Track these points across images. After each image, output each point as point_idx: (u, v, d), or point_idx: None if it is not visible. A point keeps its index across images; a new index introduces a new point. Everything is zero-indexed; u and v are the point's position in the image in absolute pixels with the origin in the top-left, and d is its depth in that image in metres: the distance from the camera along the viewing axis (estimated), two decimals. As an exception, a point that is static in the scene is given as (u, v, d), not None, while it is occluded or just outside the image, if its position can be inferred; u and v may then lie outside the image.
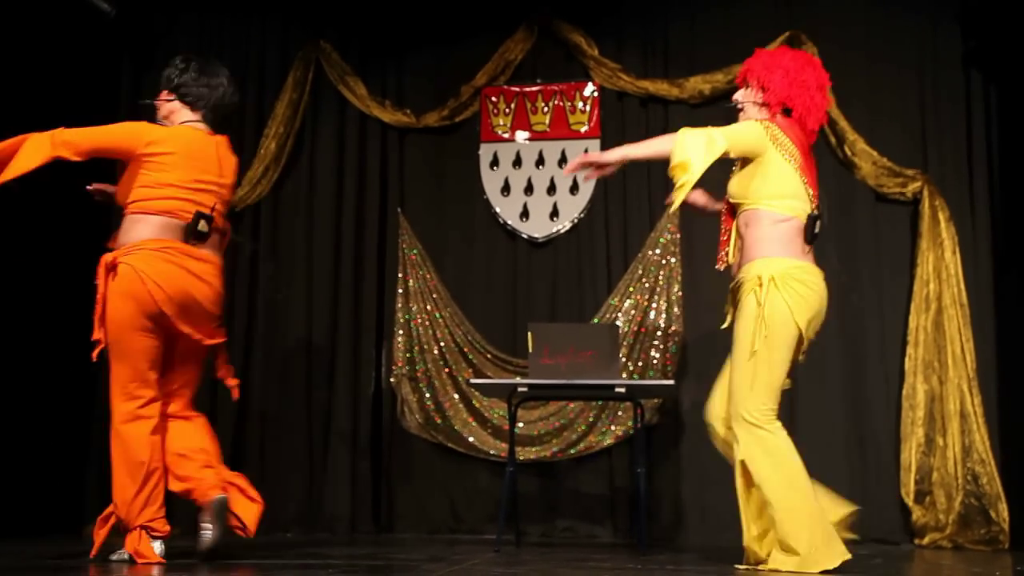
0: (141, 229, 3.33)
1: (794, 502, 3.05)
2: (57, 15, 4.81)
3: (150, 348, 3.33)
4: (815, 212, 3.22)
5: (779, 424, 3.14)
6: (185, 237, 3.37)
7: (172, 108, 3.58)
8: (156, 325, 3.32)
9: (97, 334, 3.34)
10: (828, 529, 3.09)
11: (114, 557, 3.37)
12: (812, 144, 3.35)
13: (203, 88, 3.55)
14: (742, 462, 3.12)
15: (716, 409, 3.32)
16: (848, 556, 3.06)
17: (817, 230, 3.23)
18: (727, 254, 3.34)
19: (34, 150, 3.31)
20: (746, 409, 3.10)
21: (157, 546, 3.30)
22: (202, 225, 3.39)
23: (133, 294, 3.26)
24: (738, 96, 3.38)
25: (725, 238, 3.35)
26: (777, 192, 3.19)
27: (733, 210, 3.34)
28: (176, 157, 3.40)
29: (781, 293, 3.10)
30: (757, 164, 3.22)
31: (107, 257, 3.32)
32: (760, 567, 3.15)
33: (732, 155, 3.23)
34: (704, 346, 4.73)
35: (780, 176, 3.19)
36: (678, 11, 5.10)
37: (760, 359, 3.10)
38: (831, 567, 3.01)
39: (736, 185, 3.29)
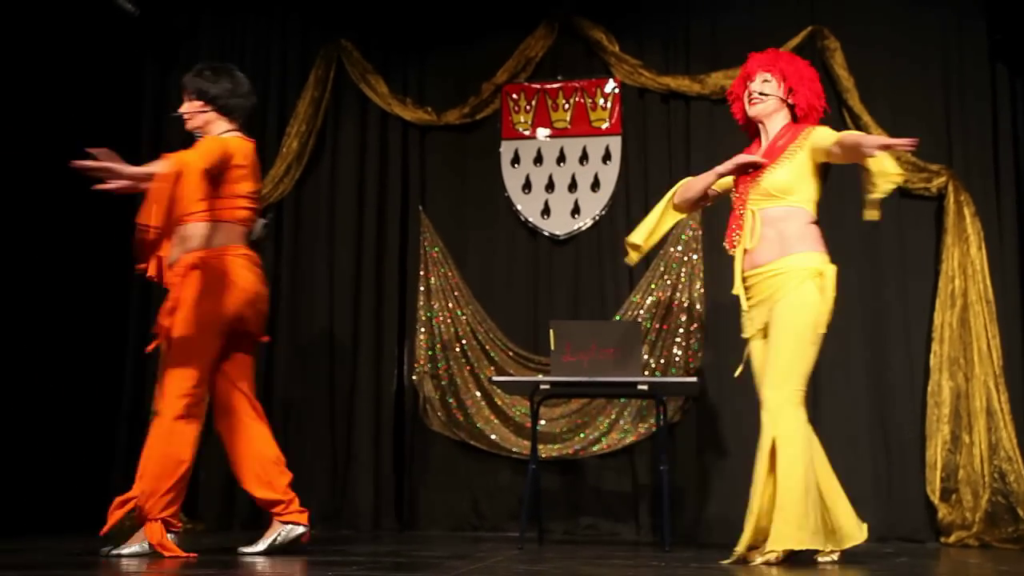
0: (221, 236, 3.47)
1: (810, 484, 3.16)
2: (81, 15, 4.84)
3: (217, 350, 3.46)
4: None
5: None
6: (249, 243, 3.57)
7: (208, 119, 3.65)
8: (230, 328, 3.45)
9: (163, 328, 3.41)
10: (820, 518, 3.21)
11: (133, 549, 3.36)
12: None
13: (239, 99, 3.65)
14: (773, 440, 3.18)
15: None
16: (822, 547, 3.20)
17: None
18: (741, 237, 3.36)
19: (194, 185, 3.34)
20: (796, 389, 3.21)
21: (171, 539, 3.37)
22: (262, 231, 3.62)
23: (222, 298, 3.41)
24: (764, 89, 3.42)
25: (741, 222, 3.37)
26: (815, 196, 3.38)
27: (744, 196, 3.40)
28: (246, 170, 3.56)
29: (832, 291, 3.27)
30: (810, 165, 3.34)
31: (189, 259, 3.41)
32: (764, 554, 3.16)
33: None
34: (727, 343, 4.70)
35: (819, 182, 3.38)
36: (700, 7, 5.08)
37: (812, 345, 3.23)
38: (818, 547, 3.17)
39: (786, 180, 3.32)
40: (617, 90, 5.10)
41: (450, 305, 5.06)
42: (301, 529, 3.51)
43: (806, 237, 3.31)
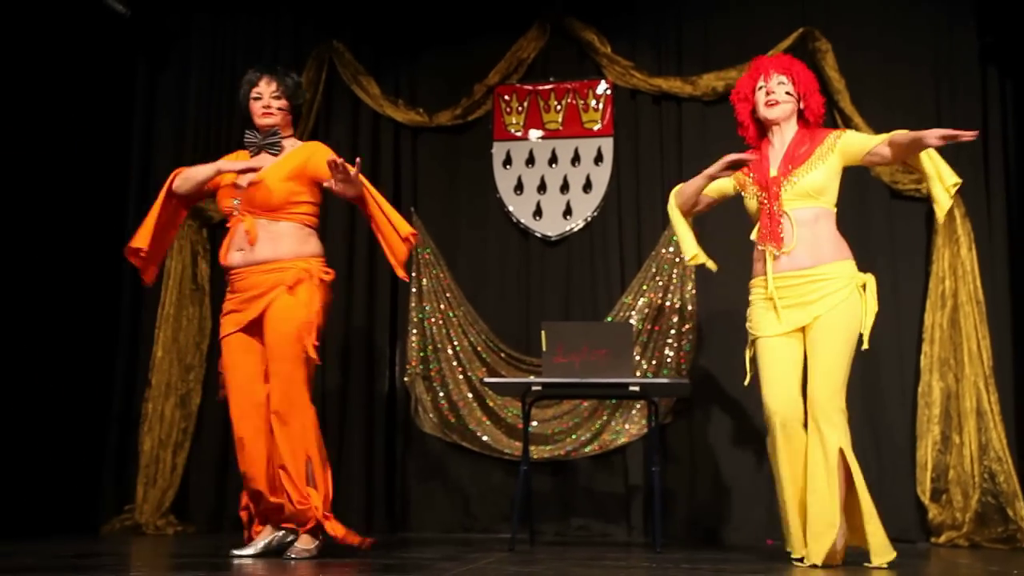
0: (315, 244, 3.62)
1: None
2: (73, 15, 4.84)
3: None
4: None
5: None
6: None
7: (288, 120, 3.74)
8: None
9: (289, 333, 3.47)
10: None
11: (299, 553, 3.43)
12: None
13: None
14: (840, 450, 3.20)
15: (798, 409, 3.31)
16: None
17: None
18: (783, 239, 3.33)
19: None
20: (844, 401, 3.27)
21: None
22: None
23: (329, 304, 3.61)
24: (783, 91, 3.44)
25: (779, 221, 3.34)
26: (836, 199, 3.42)
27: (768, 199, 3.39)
28: None
29: (875, 303, 3.34)
30: (838, 168, 3.40)
31: (311, 268, 3.52)
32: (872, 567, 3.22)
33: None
34: (718, 344, 4.72)
35: (839, 185, 3.43)
36: (692, 9, 5.08)
37: (851, 358, 3.29)
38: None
39: (821, 181, 3.35)
40: (609, 91, 5.10)
41: (442, 306, 5.06)
42: (293, 537, 3.50)
43: (841, 243, 3.36)
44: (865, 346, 3.30)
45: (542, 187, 5.12)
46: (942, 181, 3.29)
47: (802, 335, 3.34)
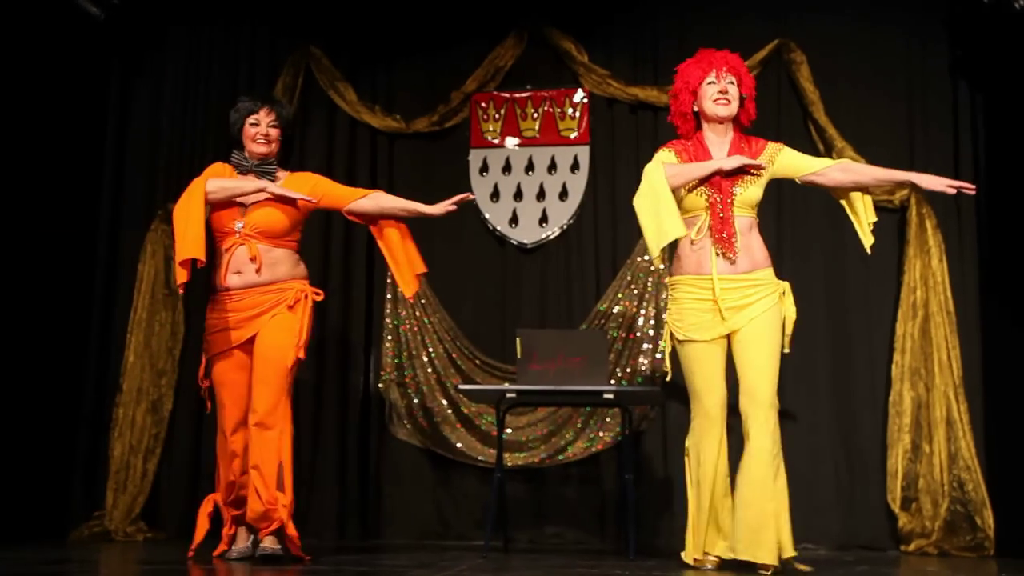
0: (303, 267, 3.80)
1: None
2: (47, 21, 4.79)
3: None
4: None
5: None
6: None
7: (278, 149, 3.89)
8: None
9: (280, 348, 3.62)
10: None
11: (271, 551, 3.56)
12: None
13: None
14: (771, 450, 3.25)
15: (725, 410, 3.46)
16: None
17: None
18: (734, 244, 3.39)
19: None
20: (776, 397, 3.32)
21: None
22: None
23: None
24: (734, 91, 3.46)
25: (732, 227, 3.39)
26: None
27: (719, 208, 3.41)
28: None
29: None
30: (767, 179, 3.48)
31: (307, 289, 3.71)
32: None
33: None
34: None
35: None
36: (668, 19, 5.12)
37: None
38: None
39: (760, 194, 3.46)
40: (586, 100, 5.13)
41: (417, 313, 5.05)
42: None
43: (766, 251, 3.47)
44: (787, 350, 3.39)
45: (518, 194, 5.13)
46: (867, 218, 3.50)
47: (726, 339, 3.42)
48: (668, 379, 3.65)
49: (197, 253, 3.52)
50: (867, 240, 3.52)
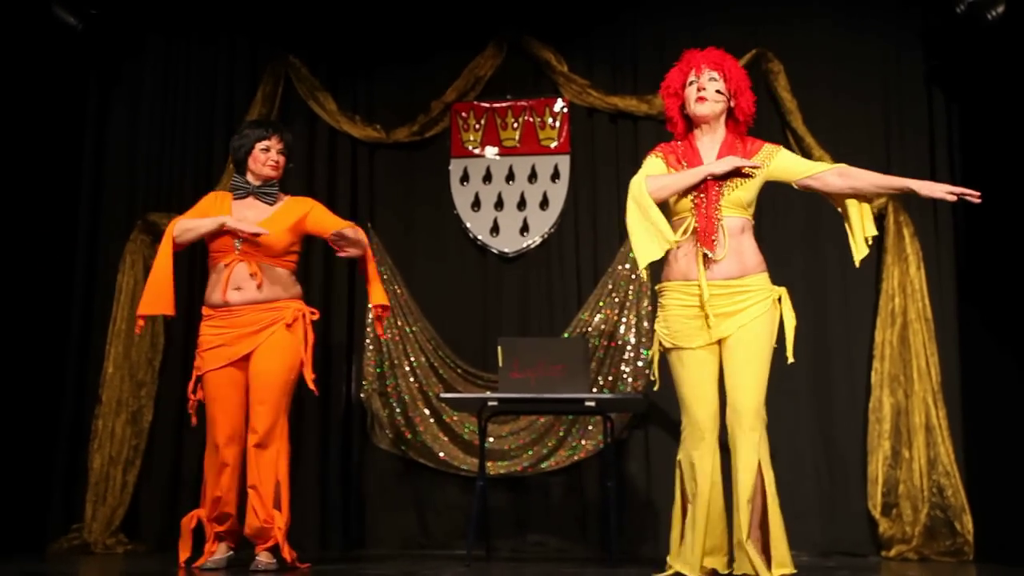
0: (299, 287, 3.91)
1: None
2: (23, 28, 4.77)
3: None
4: None
5: None
6: None
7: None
8: None
9: (284, 366, 3.75)
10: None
11: (265, 566, 3.63)
12: None
13: None
14: (759, 461, 3.16)
15: (719, 421, 3.30)
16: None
17: None
18: (719, 247, 3.23)
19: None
20: (762, 407, 3.21)
21: None
22: None
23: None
24: (715, 87, 3.33)
25: (716, 229, 3.24)
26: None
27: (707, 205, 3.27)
28: None
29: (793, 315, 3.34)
30: (761, 183, 3.33)
31: (304, 309, 3.84)
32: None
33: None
34: (673, 360, 4.74)
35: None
36: (647, 28, 5.14)
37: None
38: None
39: (753, 194, 3.31)
40: (566, 109, 5.15)
41: (399, 322, 5.05)
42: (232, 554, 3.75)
43: (760, 256, 3.31)
44: (790, 359, 3.27)
45: (499, 204, 5.14)
46: (864, 231, 3.32)
47: (718, 346, 3.28)
48: (656, 388, 3.55)
49: (166, 310, 3.71)
50: (859, 253, 3.33)
